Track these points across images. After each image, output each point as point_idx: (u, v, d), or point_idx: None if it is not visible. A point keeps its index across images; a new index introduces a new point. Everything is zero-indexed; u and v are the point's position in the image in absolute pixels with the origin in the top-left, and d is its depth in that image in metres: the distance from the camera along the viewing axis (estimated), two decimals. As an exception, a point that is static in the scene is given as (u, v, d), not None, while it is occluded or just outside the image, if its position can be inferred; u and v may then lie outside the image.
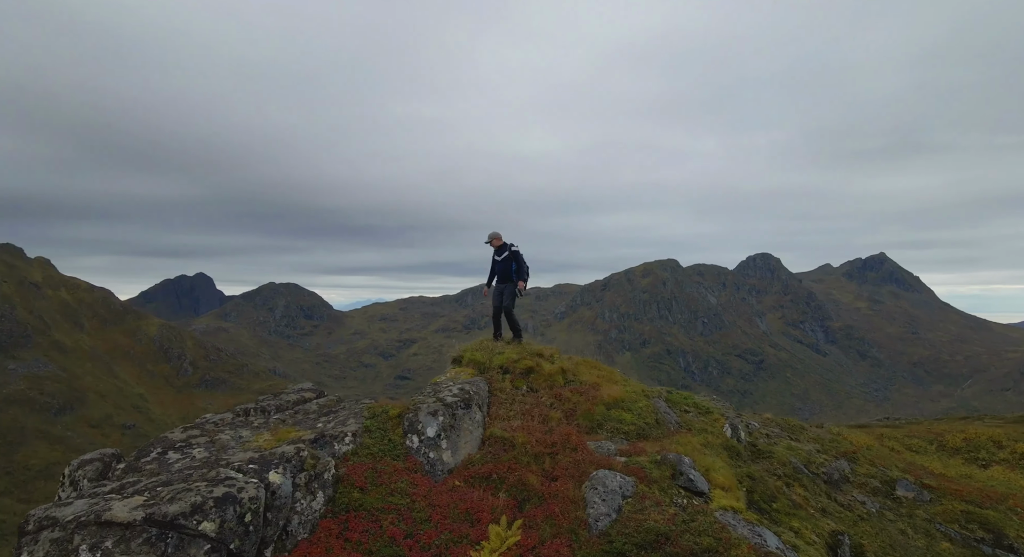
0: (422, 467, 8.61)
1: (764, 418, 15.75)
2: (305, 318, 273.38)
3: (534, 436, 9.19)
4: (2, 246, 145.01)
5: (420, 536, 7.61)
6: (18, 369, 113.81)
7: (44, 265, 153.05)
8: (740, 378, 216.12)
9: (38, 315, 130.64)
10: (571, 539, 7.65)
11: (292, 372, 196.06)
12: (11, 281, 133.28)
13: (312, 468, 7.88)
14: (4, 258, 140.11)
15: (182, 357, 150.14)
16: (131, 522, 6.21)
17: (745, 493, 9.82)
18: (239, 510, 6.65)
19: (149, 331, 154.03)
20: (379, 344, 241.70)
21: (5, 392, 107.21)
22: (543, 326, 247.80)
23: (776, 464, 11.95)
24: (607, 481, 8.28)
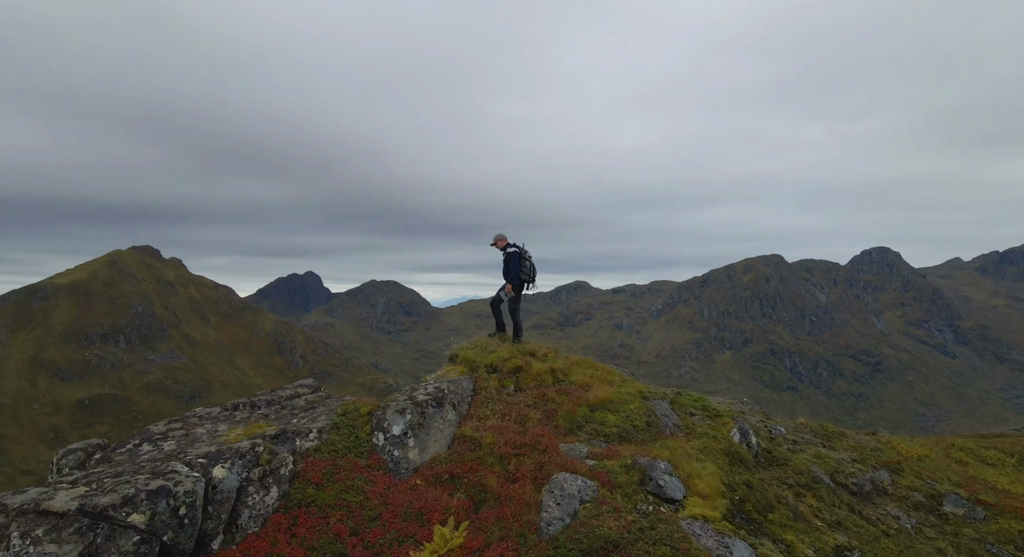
0: (386, 465, 8.48)
1: (797, 423, 14.63)
2: (404, 314, 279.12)
3: (504, 437, 8.87)
4: (142, 248, 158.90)
5: (365, 534, 7.49)
6: (156, 359, 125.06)
7: (177, 265, 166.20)
8: (854, 380, 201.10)
9: (172, 310, 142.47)
10: (518, 543, 7.31)
11: (392, 367, 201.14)
12: (150, 279, 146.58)
13: (267, 463, 7.91)
14: (144, 259, 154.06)
15: (293, 351, 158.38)
16: (65, 512, 6.39)
17: (737, 502, 9.11)
18: (173, 503, 6.73)
19: (265, 326, 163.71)
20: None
21: (146, 380, 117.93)
22: (638, 324, 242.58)
23: (790, 472, 11.04)
24: (565, 485, 7.86)
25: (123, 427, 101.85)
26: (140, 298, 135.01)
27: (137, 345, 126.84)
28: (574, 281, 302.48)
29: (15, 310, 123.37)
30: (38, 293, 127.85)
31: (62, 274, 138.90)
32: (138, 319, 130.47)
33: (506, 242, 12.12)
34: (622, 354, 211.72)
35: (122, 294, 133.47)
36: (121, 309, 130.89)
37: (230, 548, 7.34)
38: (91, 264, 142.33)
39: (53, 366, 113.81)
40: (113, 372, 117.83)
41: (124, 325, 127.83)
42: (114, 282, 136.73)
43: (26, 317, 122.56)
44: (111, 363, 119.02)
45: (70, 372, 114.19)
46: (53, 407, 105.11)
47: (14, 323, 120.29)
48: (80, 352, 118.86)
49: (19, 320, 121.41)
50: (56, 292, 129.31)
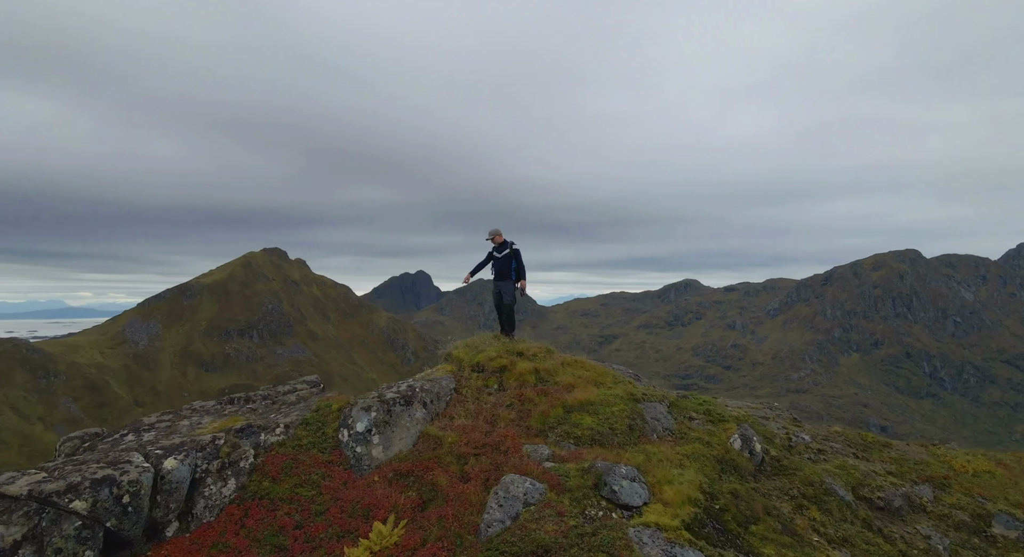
0: (347, 461, 8.49)
1: (829, 431, 13.42)
2: None
3: (469, 436, 8.66)
4: (272, 250, 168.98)
5: (309, 528, 7.52)
6: (284, 353, 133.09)
7: (301, 265, 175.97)
8: (1009, 389, 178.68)
9: (297, 308, 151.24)
10: (454, 544, 7.10)
11: None
12: (278, 279, 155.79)
13: (227, 456, 8.09)
14: (273, 260, 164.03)
15: (405, 347, 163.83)
16: (18, 496, 6.77)
17: (715, 511, 8.43)
18: (116, 492, 7.01)
19: (379, 323, 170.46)
20: (581, 339, 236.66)
21: (275, 373, 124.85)
22: (753, 324, 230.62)
23: (797, 483, 10.12)
24: (511, 487, 7.55)
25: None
26: (270, 296, 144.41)
27: (268, 340, 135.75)
28: (683, 279, 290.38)
29: (168, 307, 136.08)
30: (187, 292, 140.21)
31: (206, 274, 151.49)
32: (268, 316, 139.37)
33: (503, 238, 11.83)
34: (735, 355, 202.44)
35: (255, 293, 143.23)
36: (254, 306, 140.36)
37: (182, 536, 7.58)
38: (229, 265, 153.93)
39: (199, 358, 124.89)
40: (248, 364, 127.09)
41: (257, 321, 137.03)
42: (248, 282, 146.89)
43: (177, 313, 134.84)
44: (246, 356, 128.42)
45: (213, 363, 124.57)
46: (199, 395, 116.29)
47: (168, 318, 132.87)
48: (221, 345, 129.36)
49: (172, 316, 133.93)
50: (201, 291, 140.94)
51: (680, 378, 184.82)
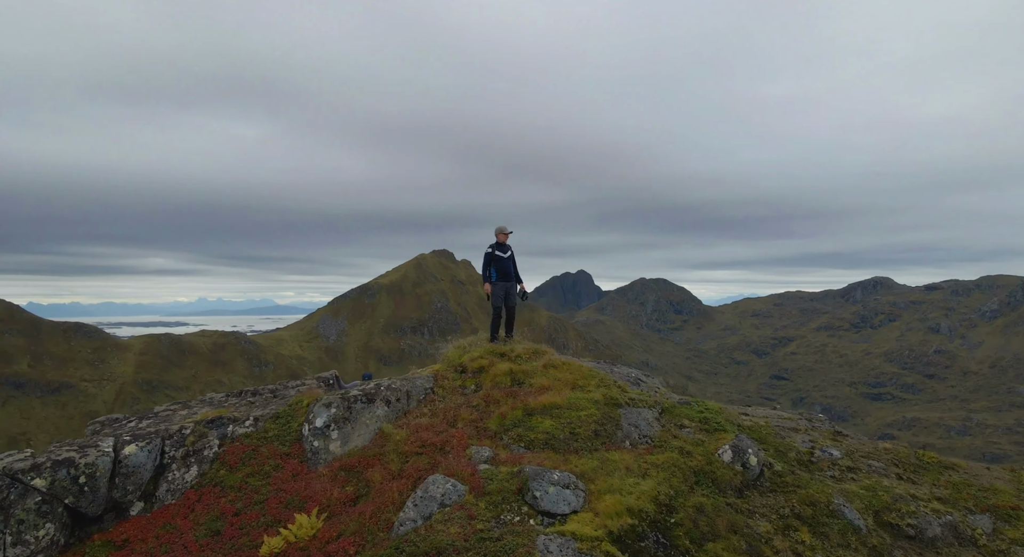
0: (304, 454, 8.70)
1: (876, 448, 11.65)
2: (675, 313, 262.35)
3: (419, 435, 8.56)
4: (440, 251, 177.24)
5: (246, 515, 7.81)
6: None
7: (467, 266, 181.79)
8: None
9: (463, 306, 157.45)
10: (365, 539, 7.07)
11: (664, 365, 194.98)
12: (445, 279, 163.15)
13: (192, 445, 8.59)
14: (441, 261, 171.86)
15: (566, 346, 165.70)
16: (8, 470, 7.62)
17: (669, 525, 7.67)
18: (73, 472, 7.69)
19: (540, 322, 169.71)
20: (751, 341, 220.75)
21: None
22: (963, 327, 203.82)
23: (795, 502, 8.91)
24: (431, 487, 7.36)
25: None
26: (439, 296, 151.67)
27: (437, 337, 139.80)
28: (872, 277, 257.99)
29: (352, 305, 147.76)
30: (368, 291, 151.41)
31: (383, 275, 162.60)
32: (437, 314, 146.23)
33: (506, 237, 11.55)
34: (939, 362, 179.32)
35: (426, 292, 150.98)
36: (425, 305, 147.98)
37: (143, 515, 8.15)
38: (403, 267, 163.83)
39: (379, 352, 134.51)
40: (420, 360, 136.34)
41: (428, 319, 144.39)
42: (420, 282, 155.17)
43: (360, 311, 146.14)
44: (418, 352, 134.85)
45: (390, 357, 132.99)
46: None
47: (353, 315, 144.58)
48: (396, 341, 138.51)
49: (356, 313, 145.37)
50: (379, 291, 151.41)
51: (869, 386, 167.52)
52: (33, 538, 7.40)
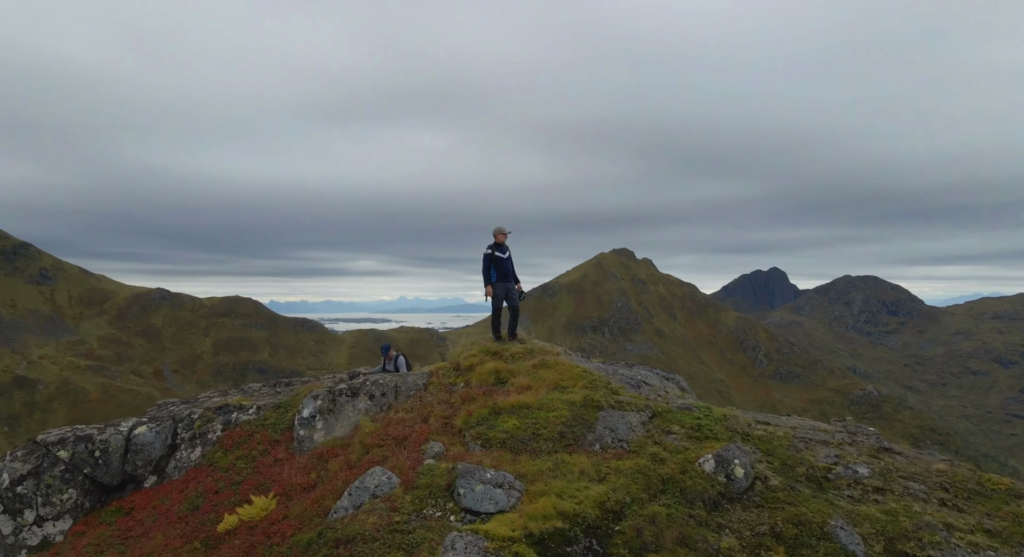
0: (291, 441, 9.31)
1: (929, 468, 9.95)
2: (889, 314, 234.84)
3: (387, 429, 8.84)
4: (620, 250, 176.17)
5: (223, 494, 8.56)
6: (633, 349, 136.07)
7: (648, 265, 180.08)
8: None
9: (645, 306, 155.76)
10: (303, 523, 7.50)
11: (875, 372, 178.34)
12: (626, 278, 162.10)
13: (199, 428, 9.55)
14: (622, 260, 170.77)
15: (756, 348, 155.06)
16: (44, 442, 9.02)
17: (612, 532, 7.29)
18: (90, 447, 8.89)
19: (727, 322, 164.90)
20: (992, 348, 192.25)
21: None
22: None
23: (779, 519, 7.92)
24: (367, 479, 7.61)
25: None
26: (619, 295, 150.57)
27: (618, 336, 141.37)
28: None
29: (535, 304, 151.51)
30: (548, 290, 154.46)
31: (563, 275, 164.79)
32: (618, 313, 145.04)
33: (504, 237, 11.44)
34: None
35: (606, 291, 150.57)
36: (605, 304, 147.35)
37: (154, 487, 9.20)
38: (583, 266, 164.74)
39: None
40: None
41: (608, 318, 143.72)
42: (600, 281, 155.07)
43: (541, 310, 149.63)
44: (599, 351, 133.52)
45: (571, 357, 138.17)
46: None
47: (535, 314, 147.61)
48: (578, 340, 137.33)
49: (537, 312, 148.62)
50: (560, 290, 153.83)
51: None
52: (59, 501, 8.66)
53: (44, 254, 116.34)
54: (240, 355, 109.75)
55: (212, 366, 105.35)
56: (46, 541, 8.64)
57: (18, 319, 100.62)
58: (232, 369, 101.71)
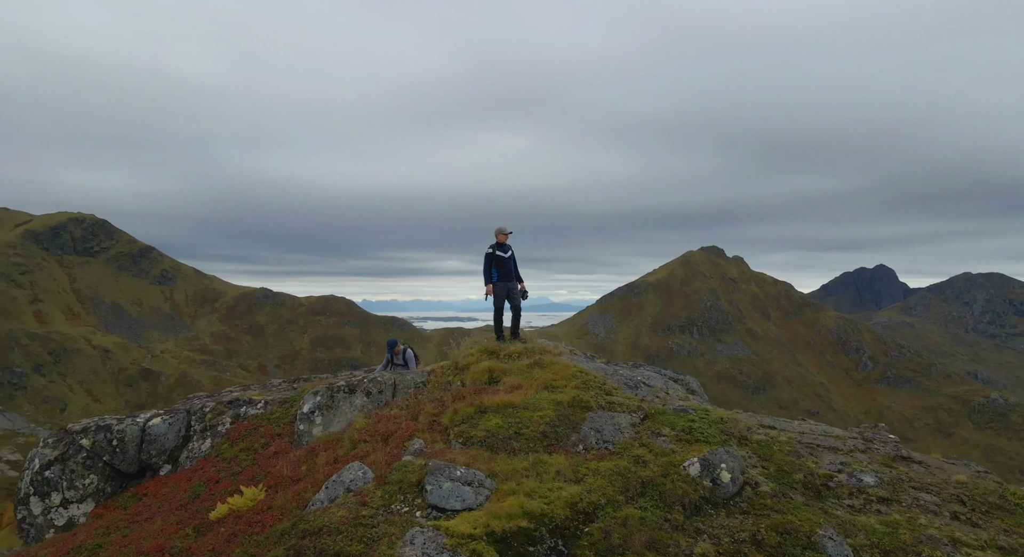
0: (292, 435, 9.67)
1: (947, 480, 9.20)
2: (1017, 314, 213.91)
3: (377, 426, 9.03)
4: (709, 248, 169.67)
5: (223, 483, 9.01)
6: (723, 350, 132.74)
7: (739, 263, 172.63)
8: None
9: (735, 305, 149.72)
10: (284, 513, 7.81)
11: (1000, 378, 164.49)
12: (715, 277, 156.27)
13: (210, 421, 10.07)
14: (711, 258, 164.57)
15: (860, 350, 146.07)
16: (71, 431, 9.75)
17: (580, 533, 7.23)
18: (108, 436, 9.53)
19: (827, 323, 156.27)
20: None
21: (715, 369, 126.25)
22: None
23: (762, 526, 7.54)
24: (345, 474, 7.82)
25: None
26: (708, 294, 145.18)
27: (707, 336, 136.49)
28: None
29: (620, 304, 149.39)
30: (635, 289, 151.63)
31: (650, 274, 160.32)
32: (707, 313, 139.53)
33: (505, 237, 11.41)
34: None
35: (694, 290, 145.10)
36: (694, 304, 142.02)
37: (168, 475, 9.76)
38: (670, 265, 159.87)
39: (647, 350, 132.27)
40: (689, 359, 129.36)
41: (696, 318, 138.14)
42: (688, 280, 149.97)
43: (627, 309, 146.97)
44: (687, 351, 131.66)
45: (658, 356, 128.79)
46: None
47: (620, 313, 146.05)
48: (665, 340, 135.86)
49: (623, 311, 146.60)
50: (646, 289, 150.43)
51: None
52: (81, 485, 9.33)
53: (165, 257, 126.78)
54: (335, 351, 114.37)
55: (310, 362, 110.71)
56: (71, 522, 9.35)
57: (144, 316, 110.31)
58: (328, 365, 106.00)
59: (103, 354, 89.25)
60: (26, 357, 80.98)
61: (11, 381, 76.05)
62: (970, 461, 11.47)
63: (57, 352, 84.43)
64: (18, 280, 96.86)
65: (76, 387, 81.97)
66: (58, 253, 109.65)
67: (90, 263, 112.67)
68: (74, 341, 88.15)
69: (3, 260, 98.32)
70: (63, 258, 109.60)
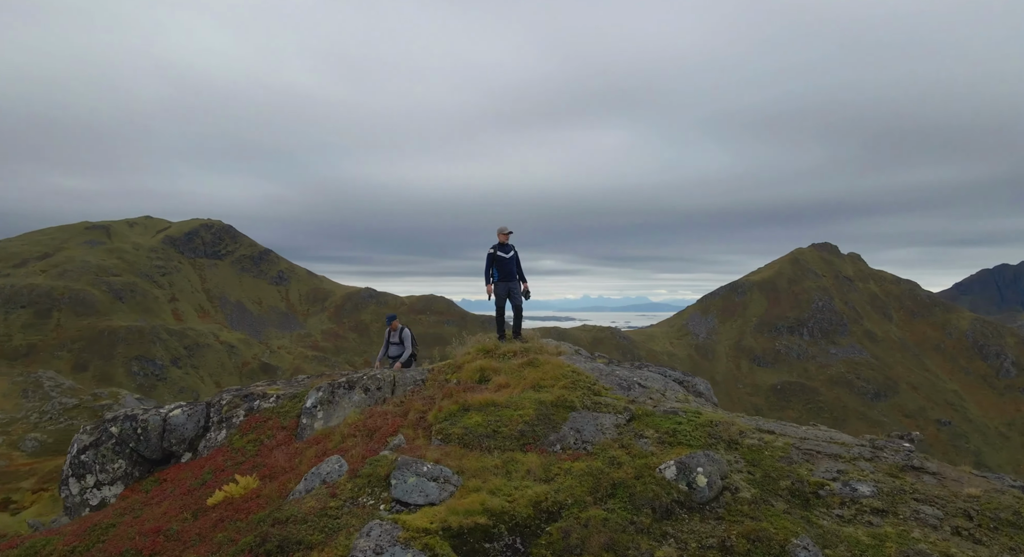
0: (296, 428, 10.17)
1: (958, 494, 8.49)
2: None
3: (368, 421, 9.34)
4: (821, 245, 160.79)
5: (227, 471, 9.58)
6: (838, 353, 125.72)
7: (855, 260, 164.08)
8: None
9: (851, 305, 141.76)
10: (269, 502, 8.24)
11: None
12: (828, 275, 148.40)
13: (225, 413, 10.73)
14: (823, 255, 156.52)
15: (1002, 355, 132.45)
16: (105, 419, 10.64)
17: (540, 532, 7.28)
18: (134, 425, 10.33)
19: (960, 325, 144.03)
20: None
21: (829, 372, 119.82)
22: None
23: (733, 534, 7.29)
24: (323, 466, 8.18)
25: (810, 414, 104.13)
26: (820, 293, 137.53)
27: (819, 338, 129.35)
28: None
29: (722, 303, 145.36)
30: (738, 289, 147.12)
31: (754, 272, 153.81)
32: (819, 313, 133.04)
33: (507, 238, 11.47)
34: None
35: (804, 290, 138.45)
36: (804, 304, 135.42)
37: (188, 462, 10.47)
38: (777, 263, 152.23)
39: (751, 352, 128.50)
40: (799, 362, 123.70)
41: (807, 319, 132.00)
42: (796, 278, 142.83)
43: (730, 309, 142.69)
44: (797, 353, 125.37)
45: (764, 359, 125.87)
46: (753, 388, 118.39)
47: (723, 313, 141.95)
48: (771, 341, 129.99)
49: (726, 311, 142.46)
50: (751, 288, 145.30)
51: None
52: (111, 468, 10.17)
53: (281, 259, 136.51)
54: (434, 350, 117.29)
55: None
56: (103, 502, 10.22)
57: (263, 314, 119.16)
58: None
59: (229, 349, 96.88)
60: (166, 351, 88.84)
61: (154, 372, 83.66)
62: (1003, 475, 10.66)
63: (191, 347, 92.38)
64: (159, 281, 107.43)
65: (206, 378, 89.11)
66: (191, 256, 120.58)
67: (218, 265, 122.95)
68: (205, 337, 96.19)
69: (147, 263, 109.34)
70: (195, 261, 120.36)
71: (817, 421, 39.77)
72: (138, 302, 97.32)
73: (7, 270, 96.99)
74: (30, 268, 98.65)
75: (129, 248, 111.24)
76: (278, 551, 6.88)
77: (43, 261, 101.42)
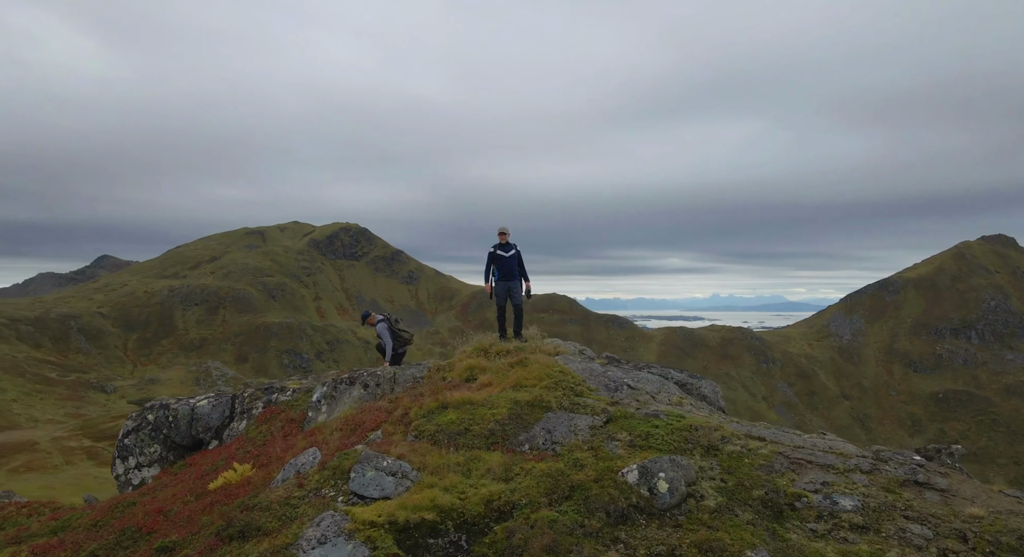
0: (303, 420, 10.77)
1: (959, 513, 7.56)
2: None
3: (358, 415, 9.69)
4: (992, 237, 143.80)
5: (236, 458, 10.32)
6: (1016, 359, 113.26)
7: None
8: None
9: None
10: (253, 489, 8.82)
11: None
12: (1003, 271, 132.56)
13: (247, 405, 11.54)
14: (995, 248, 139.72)
15: None
16: (145, 407, 11.75)
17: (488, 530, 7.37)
18: (166, 413, 11.32)
19: None
20: None
21: (1005, 381, 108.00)
22: None
23: (686, 542, 6.97)
24: (301, 457, 8.62)
25: (982, 428, 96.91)
26: (992, 292, 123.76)
27: (991, 342, 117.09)
28: None
29: (871, 302, 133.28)
30: (889, 287, 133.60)
31: (909, 269, 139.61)
32: (991, 314, 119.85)
33: (508, 237, 11.45)
34: None
35: (971, 287, 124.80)
36: (971, 303, 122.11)
37: (213, 449, 11.36)
38: (937, 258, 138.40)
39: (905, 356, 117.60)
40: (966, 369, 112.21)
41: (975, 320, 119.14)
42: (961, 275, 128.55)
43: (880, 309, 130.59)
44: (963, 359, 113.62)
45: (922, 364, 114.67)
46: (908, 396, 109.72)
47: (871, 314, 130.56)
48: (930, 345, 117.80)
49: (874, 311, 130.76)
50: (904, 286, 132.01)
51: None
52: (148, 452, 11.22)
53: (411, 259, 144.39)
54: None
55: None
56: (143, 481, 11.32)
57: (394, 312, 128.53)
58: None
59: (364, 345, 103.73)
60: (311, 345, 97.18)
61: (301, 366, 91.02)
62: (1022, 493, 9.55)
63: (332, 342, 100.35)
64: (305, 281, 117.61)
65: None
66: (332, 257, 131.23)
67: (355, 266, 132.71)
68: (344, 333, 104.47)
69: (295, 264, 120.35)
70: (335, 262, 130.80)
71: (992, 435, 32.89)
72: (288, 300, 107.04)
73: (184, 272, 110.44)
74: (202, 270, 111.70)
75: (280, 251, 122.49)
76: (239, 536, 7.37)
77: (212, 263, 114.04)
